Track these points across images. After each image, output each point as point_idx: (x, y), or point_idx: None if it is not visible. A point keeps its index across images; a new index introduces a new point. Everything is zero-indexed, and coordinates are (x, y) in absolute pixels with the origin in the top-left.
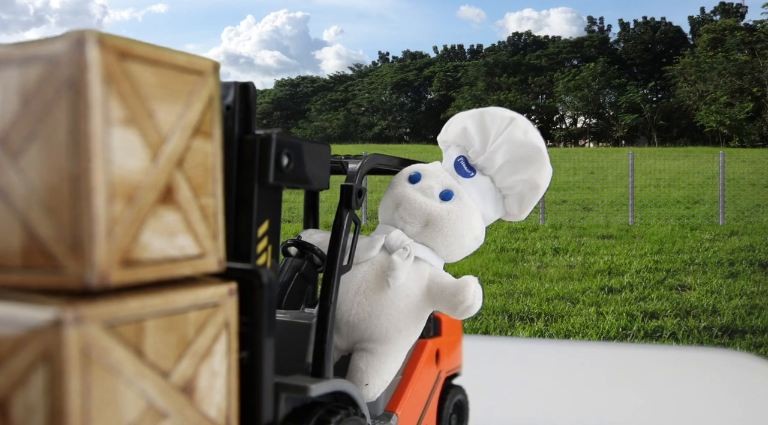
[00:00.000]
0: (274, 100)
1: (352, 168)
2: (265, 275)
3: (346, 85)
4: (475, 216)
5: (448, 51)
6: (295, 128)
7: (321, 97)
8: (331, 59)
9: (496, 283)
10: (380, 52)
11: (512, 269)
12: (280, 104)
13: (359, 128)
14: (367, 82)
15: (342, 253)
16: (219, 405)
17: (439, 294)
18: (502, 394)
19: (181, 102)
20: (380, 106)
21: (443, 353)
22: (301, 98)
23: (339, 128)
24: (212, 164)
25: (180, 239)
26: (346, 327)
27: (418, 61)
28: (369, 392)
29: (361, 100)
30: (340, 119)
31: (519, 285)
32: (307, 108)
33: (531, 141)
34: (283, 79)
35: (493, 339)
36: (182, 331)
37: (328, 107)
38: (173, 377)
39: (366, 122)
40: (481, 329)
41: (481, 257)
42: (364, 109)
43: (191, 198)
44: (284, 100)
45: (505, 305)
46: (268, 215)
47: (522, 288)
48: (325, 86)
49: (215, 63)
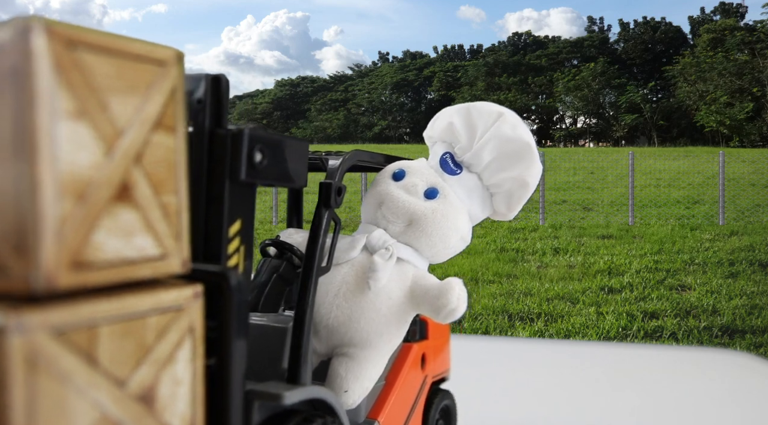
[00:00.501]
0: (274, 100)
1: (332, 165)
2: (234, 278)
3: (346, 85)
4: (460, 215)
5: (448, 51)
6: (295, 128)
7: (321, 97)
8: (331, 59)
9: (496, 283)
10: (380, 52)
11: (512, 269)
12: (280, 104)
13: (359, 128)
14: (367, 82)
15: (320, 253)
16: (183, 414)
17: (422, 297)
18: (502, 394)
19: (139, 94)
20: (380, 106)
21: (430, 357)
22: (301, 98)
23: (339, 128)
24: (175, 160)
25: (138, 239)
26: (325, 330)
27: (418, 61)
28: (349, 399)
29: (361, 100)
30: (340, 119)
31: (519, 285)
32: (307, 108)
33: (520, 137)
34: (283, 79)
35: (493, 339)
36: (140, 337)
37: (328, 106)
38: (130, 385)
39: (366, 122)
40: (481, 329)
41: (481, 257)
42: (364, 109)
43: (151, 196)
44: (284, 100)
45: (505, 305)
46: (241, 213)
47: (522, 288)
48: (325, 86)
49: (178, 52)
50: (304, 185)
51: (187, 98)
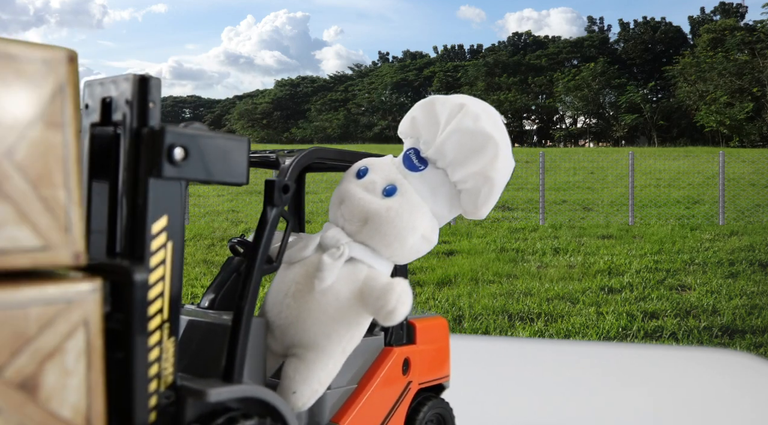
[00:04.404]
0: (274, 100)
1: (286, 163)
2: (137, 273)
3: (346, 85)
4: (419, 214)
5: (448, 51)
6: (295, 128)
7: (321, 97)
8: (331, 59)
9: (496, 283)
10: (380, 52)
11: (512, 269)
12: (280, 104)
13: (359, 128)
14: (367, 82)
15: (263, 252)
16: (75, 404)
17: (367, 298)
18: (501, 394)
19: (13, 92)
20: (380, 106)
21: (415, 362)
22: (301, 98)
23: (339, 128)
24: (62, 155)
25: (10, 229)
26: (278, 330)
27: (418, 61)
28: (297, 401)
29: (361, 100)
30: (340, 119)
31: (519, 285)
32: (307, 108)
33: (481, 129)
34: (283, 79)
35: (493, 339)
36: (18, 326)
37: (328, 106)
38: (6, 372)
39: (366, 122)
40: (481, 329)
41: (481, 257)
42: (364, 109)
43: (28, 189)
44: (284, 100)
45: (505, 305)
46: (166, 210)
47: (522, 288)
48: (325, 86)
49: (70, 52)
50: (243, 182)
51: (118, 99)
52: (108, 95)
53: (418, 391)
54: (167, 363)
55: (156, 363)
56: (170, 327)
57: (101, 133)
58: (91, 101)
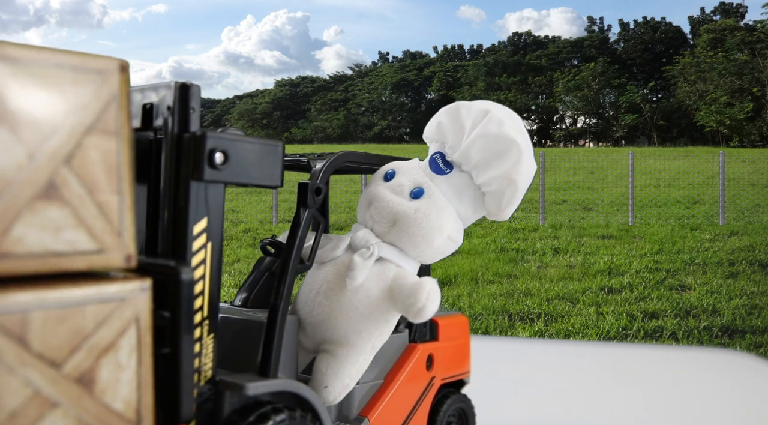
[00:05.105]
0: (274, 100)
1: (317, 167)
2: (184, 273)
3: (346, 85)
4: (446, 215)
5: (448, 51)
6: (295, 128)
7: (321, 97)
8: (331, 59)
9: (496, 283)
10: (380, 52)
11: (512, 269)
12: (280, 104)
13: (359, 128)
14: (367, 82)
15: (297, 251)
16: (127, 398)
17: (397, 296)
18: (502, 394)
19: (70, 101)
20: (380, 106)
21: (438, 358)
22: (301, 98)
23: (339, 128)
24: (116, 162)
25: (68, 233)
26: (310, 327)
27: (418, 61)
28: (329, 395)
29: (361, 100)
30: (340, 119)
31: (519, 285)
32: (307, 108)
33: (505, 134)
34: (283, 79)
35: (493, 339)
36: (77, 324)
37: (328, 107)
38: (65, 368)
39: (366, 122)
40: (481, 329)
41: (481, 257)
42: (364, 109)
43: (84, 195)
44: (284, 100)
45: (505, 305)
46: (206, 212)
47: (522, 288)
48: (325, 86)
49: (122, 62)
50: (278, 184)
51: (159, 106)
52: (149, 102)
53: (441, 386)
54: (207, 358)
55: (197, 358)
56: (210, 324)
57: (141, 138)
58: (131, 108)
